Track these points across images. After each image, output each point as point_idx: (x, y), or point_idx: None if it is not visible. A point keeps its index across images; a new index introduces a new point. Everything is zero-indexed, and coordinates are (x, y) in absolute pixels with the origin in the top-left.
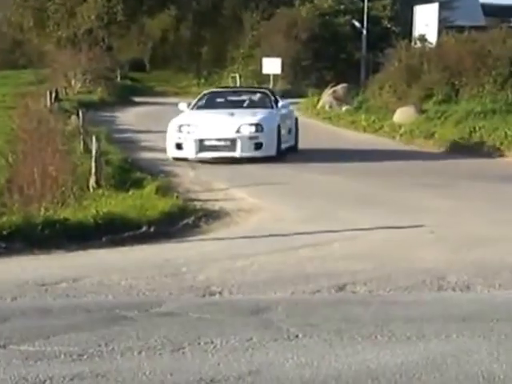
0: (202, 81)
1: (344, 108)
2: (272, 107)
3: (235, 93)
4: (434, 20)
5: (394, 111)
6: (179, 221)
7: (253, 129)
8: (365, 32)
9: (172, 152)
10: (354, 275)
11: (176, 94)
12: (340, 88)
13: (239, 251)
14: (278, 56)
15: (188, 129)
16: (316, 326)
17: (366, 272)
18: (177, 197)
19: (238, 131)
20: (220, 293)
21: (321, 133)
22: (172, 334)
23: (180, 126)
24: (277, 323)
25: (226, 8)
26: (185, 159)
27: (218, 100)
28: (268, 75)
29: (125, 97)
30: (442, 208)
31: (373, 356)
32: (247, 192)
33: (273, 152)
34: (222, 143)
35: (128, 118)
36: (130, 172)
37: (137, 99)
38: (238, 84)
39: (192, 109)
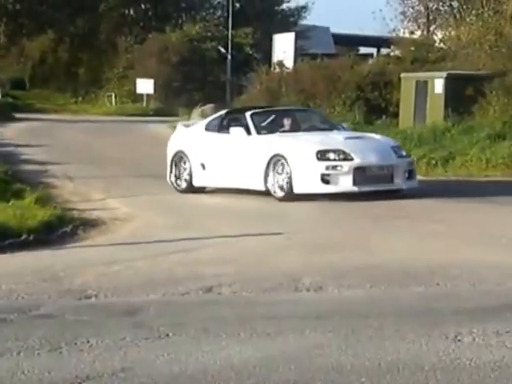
0: (80, 99)
1: None
2: (344, 128)
3: (284, 112)
4: (291, 48)
5: None
6: (58, 229)
7: (404, 151)
8: (229, 57)
9: (312, 186)
10: (220, 278)
11: (55, 112)
12: (208, 108)
13: (114, 257)
14: (150, 77)
15: (334, 155)
16: (185, 324)
17: (231, 275)
18: (55, 207)
19: (396, 155)
20: (96, 296)
21: None
22: (50, 334)
23: (320, 153)
24: (148, 323)
25: (101, 32)
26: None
27: (276, 121)
28: (142, 95)
29: (6, 113)
30: (299, 217)
31: (236, 351)
32: (123, 202)
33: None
34: (383, 172)
35: (9, 132)
36: (10, 183)
37: (18, 115)
38: (113, 102)
39: (261, 133)
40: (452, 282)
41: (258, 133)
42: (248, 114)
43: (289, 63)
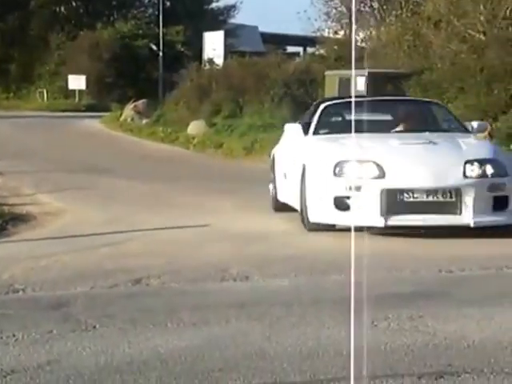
0: (11, 95)
1: (144, 121)
2: (468, 131)
3: (385, 104)
4: (221, 45)
5: (187, 124)
6: None
7: (490, 170)
8: (161, 54)
9: (326, 214)
10: (149, 270)
11: None
12: (140, 103)
13: (43, 251)
14: (82, 73)
15: (360, 170)
16: (112, 316)
17: (160, 267)
18: None
19: (465, 174)
20: (23, 290)
21: (124, 142)
22: None
23: (341, 166)
24: (76, 316)
25: (32, 29)
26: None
27: (365, 118)
28: (74, 91)
29: None
30: (226, 209)
31: (162, 341)
32: (53, 197)
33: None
34: (438, 198)
35: None
36: None
37: None
38: (45, 98)
39: (318, 133)
40: (369, 269)
41: (316, 132)
42: (322, 106)
43: (219, 60)
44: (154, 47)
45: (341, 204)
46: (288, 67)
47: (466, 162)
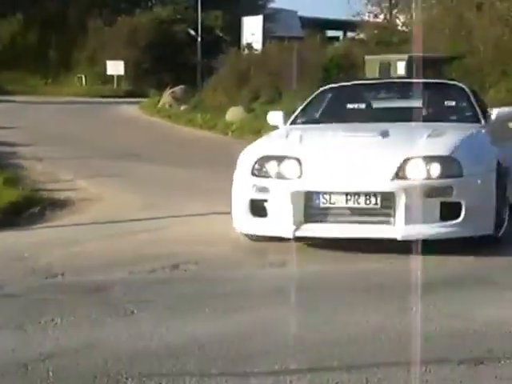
0: (50, 81)
1: (182, 107)
2: (478, 120)
3: (391, 86)
4: (259, 30)
5: (226, 110)
6: (26, 210)
7: (437, 169)
8: (199, 39)
9: (241, 221)
10: (187, 256)
11: (23, 93)
12: (178, 89)
13: (81, 236)
14: (120, 59)
15: (280, 168)
16: (150, 302)
17: (198, 253)
18: (23, 188)
19: (399, 175)
20: (61, 275)
21: (162, 128)
22: (14, 314)
23: (261, 162)
24: (114, 301)
25: (71, 14)
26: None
27: (355, 106)
28: (112, 76)
29: None
30: None
31: (200, 327)
32: (91, 183)
33: (488, 227)
34: (360, 203)
35: None
36: None
37: None
38: (84, 84)
39: (296, 122)
40: (410, 257)
41: (294, 122)
42: (321, 89)
43: (257, 45)
44: (193, 32)
45: (257, 209)
46: (327, 52)
47: (405, 160)
